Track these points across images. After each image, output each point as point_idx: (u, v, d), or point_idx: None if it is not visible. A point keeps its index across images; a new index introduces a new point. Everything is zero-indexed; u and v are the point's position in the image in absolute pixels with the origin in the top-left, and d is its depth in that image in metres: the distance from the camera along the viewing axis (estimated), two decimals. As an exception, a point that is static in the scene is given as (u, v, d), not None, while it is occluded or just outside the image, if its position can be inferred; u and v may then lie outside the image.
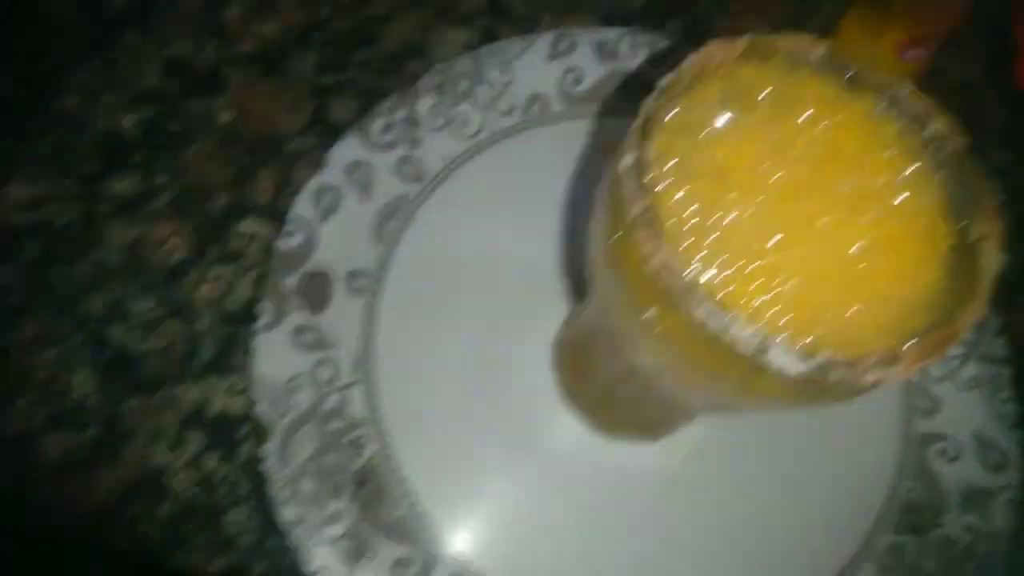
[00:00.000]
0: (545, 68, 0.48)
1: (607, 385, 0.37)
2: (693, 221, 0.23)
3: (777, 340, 0.21)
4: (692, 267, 0.22)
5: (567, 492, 0.40)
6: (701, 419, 0.41)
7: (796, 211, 0.23)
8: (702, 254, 0.22)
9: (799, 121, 0.25)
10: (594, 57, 0.48)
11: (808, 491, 0.41)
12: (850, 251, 0.23)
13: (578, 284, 0.43)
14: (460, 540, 0.39)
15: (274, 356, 0.40)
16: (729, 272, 0.22)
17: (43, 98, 0.47)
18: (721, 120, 0.25)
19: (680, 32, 0.51)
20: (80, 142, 0.47)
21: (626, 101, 0.47)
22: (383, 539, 0.37)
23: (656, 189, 0.23)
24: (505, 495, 0.40)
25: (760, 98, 0.25)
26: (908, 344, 0.21)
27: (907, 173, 0.24)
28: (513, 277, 0.44)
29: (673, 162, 0.24)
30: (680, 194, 0.23)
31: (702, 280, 0.22)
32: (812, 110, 0.25)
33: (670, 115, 0.24)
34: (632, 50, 0.48)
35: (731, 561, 0.40)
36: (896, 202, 0.24)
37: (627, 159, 0.23)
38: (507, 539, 0.39)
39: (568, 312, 0.43)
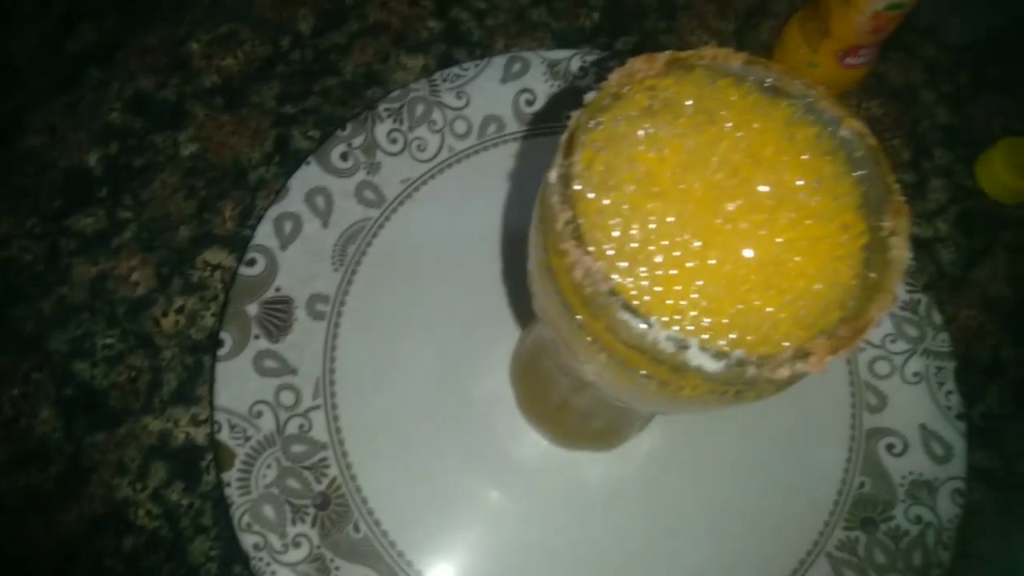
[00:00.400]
0: (499, 90, 0.49)
1: (561, 397, 0.37)
2: (617, 230, 0.24)
3: (694, 340, 0.21)
4: (615, 275, 0.23)
5: (528, 505, 0.40)
6: (655, 426, 0.41)
7: (717, 216, 0.24)
8: (625, 261, 0.23)
9: (720, 130, 0.26)
10: (546, 77, 0.49)
11: (761, 491, 0.42)
12: (769, 253, 0.24)
13: (529, 299, 0.44)
14: (422, 559, 0.39)
15: (236, 384, 0.40)
16: (652, 278, 0.23)
17: (6, 138, 0.48)
18: (645, 132, 0.25)
19: (629, 50, 0.53)
20: (44, 181, 0.47)
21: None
22: (345, 561, 0.38)
23: (580, 201, 0.24)
24: (467, 512, 0.40)
25: (682, 109, 0.26)
26: (817, 339, 0.21)
27: (823, 175, 0.25)
28: (472, 296, 0.44)
29: (598, 174, 0.24)
30: (604, 204, 0.24)
31: (626, 285, 0.23)
32: (732, 119, 0.26)
33: (595, 129, 0.25)
34: (582, 69, 0.49)
35: (690, 562, 0.40)
36: (813, 203, 0.24)
37: (553, 173, 0.24)
38: (469, 555, 0.39)
39: (524, 328, 0.43)
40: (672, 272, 0.23)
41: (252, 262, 0.43)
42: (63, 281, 0.45)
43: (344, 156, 0.46)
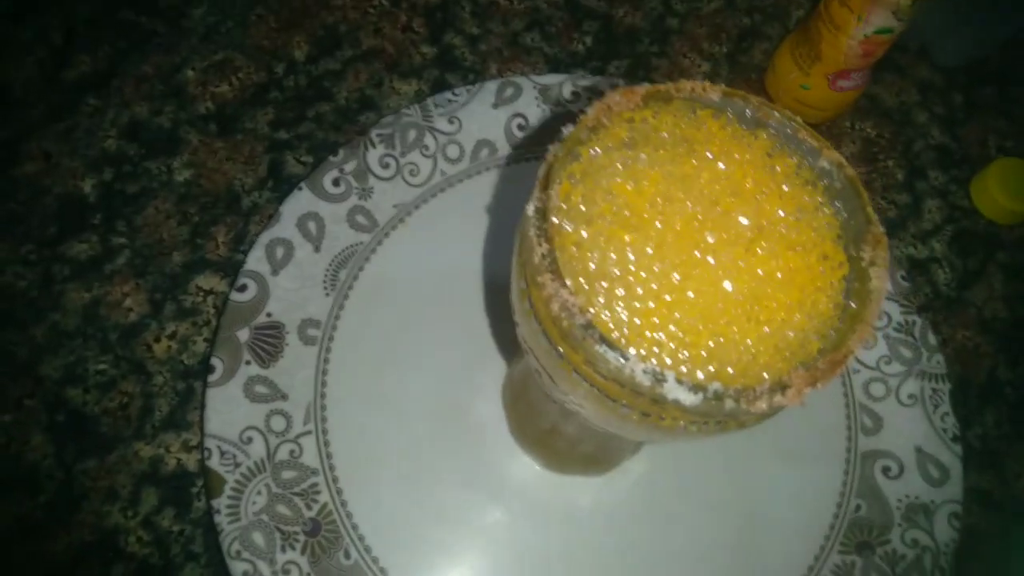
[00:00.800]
0: (492, 115, 0.49)
1: (550, 423, 0.37)
2: (595, 262, 0.24)
3: (671, 374, 0.21)
4: (592, 308, 0.23)
5: (519, 530, 0.40)
6: (645, 451, 0.41)
7: (695, 248, 0.24)
8: (603, 294, 0.23)
9: (699, 161, 0.26)
10: (538, 102, 0.49)
11: (755, 516, 0.42)
12: (748, 284, 0.24)
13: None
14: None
15: (226, 409, 0.40)
16: (630, 310, 0.23)
17: (1, 165, 0.48)
18: (623, 164, 0.25)
19: (622, 73, 0.53)
20: (38, 207, 0.48)
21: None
22: (334, 588, 0.38)
23: (558, 234, 0.24)
24: (458, 538, 0.40)
25: (661, 141, 0.26)
26: (795, 371, 0.21)
27: (803, 205, 0.25)
28: (464, 321, 0.44)
29: (575, 207, 0.24)
30: (582, 236, 0.24)
31: (604, 318, 0.23)
32: (712, 150, 0.26)
33: (573, 162, 0.25)
34: (574, 94, 0.49)
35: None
36: (793, 234, 0.24)
37: (530, 206, 0.24)
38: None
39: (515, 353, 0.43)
40: (650, 304, 0.23)
41: (243, 288, 0.43)
42: (56, 307, 0.45)
43: (336, 182, 0.47)
